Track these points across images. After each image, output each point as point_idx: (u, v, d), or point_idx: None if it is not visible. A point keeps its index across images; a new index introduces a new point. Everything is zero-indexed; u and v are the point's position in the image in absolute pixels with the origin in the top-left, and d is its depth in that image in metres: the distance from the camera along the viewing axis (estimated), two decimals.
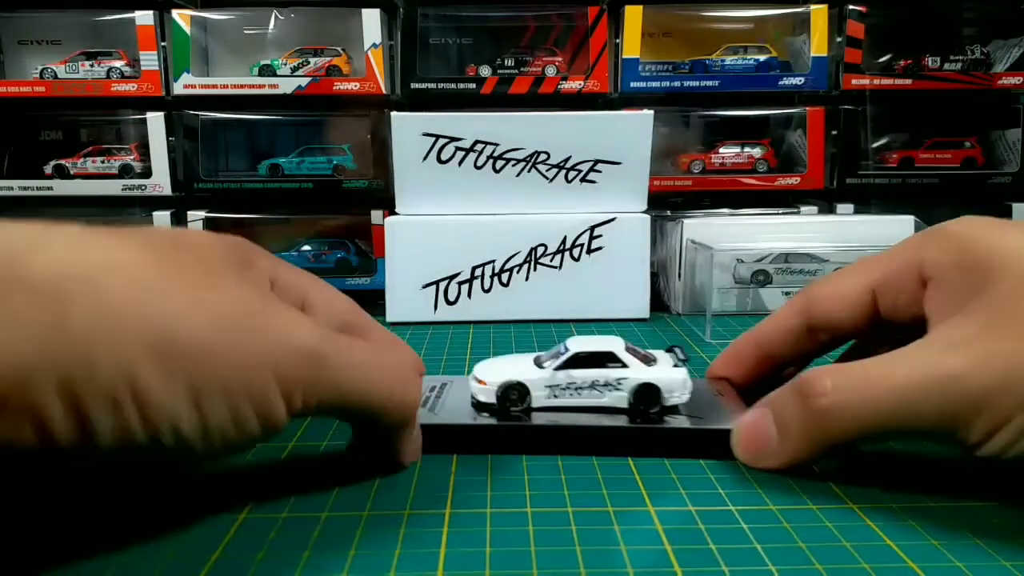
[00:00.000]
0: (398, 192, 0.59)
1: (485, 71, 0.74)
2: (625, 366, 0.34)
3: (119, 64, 0.73)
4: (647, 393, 0.34)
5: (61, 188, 0.73)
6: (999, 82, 0.73)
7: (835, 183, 0.74)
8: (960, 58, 0.74)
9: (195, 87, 0.71)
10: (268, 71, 0.72)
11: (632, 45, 0.72)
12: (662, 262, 0.66)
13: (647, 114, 0.59)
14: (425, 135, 0.58)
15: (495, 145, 0.58)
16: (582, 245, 0.59)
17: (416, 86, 0.73)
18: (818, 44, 0.72)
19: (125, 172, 0.74)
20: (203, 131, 0.74)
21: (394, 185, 0.59)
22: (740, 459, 0.32)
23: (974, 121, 0.77)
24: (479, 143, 0.58)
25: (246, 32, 0.76)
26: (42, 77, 0.73)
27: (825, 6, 0.72)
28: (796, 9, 0.74)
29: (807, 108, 0.74)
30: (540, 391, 0.34)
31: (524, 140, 0.58)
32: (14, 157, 0.76)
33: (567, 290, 0.59)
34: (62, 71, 0.73)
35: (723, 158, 0.76)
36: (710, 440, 0.32)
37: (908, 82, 0.73)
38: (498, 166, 0.59)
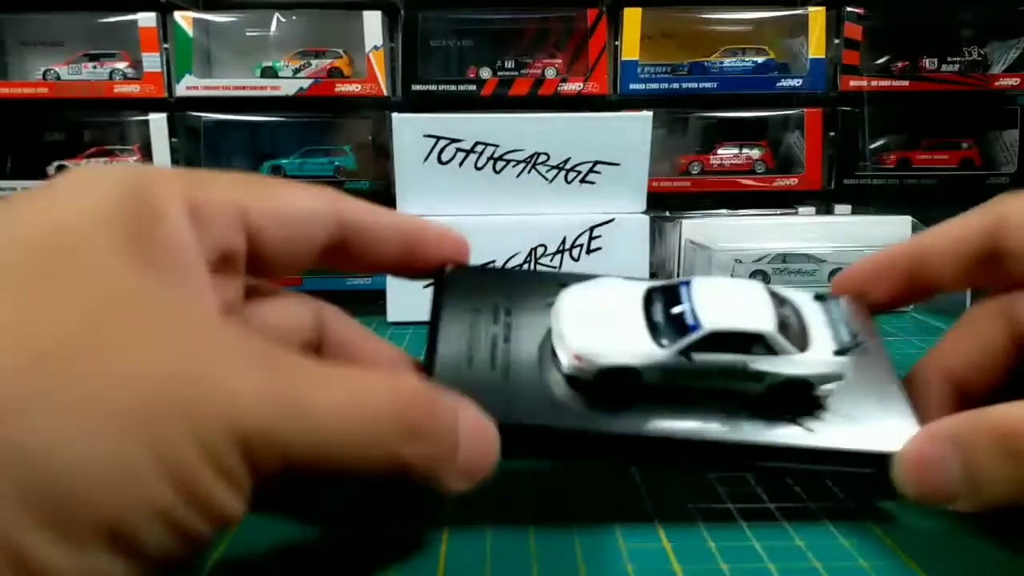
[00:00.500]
0: (399, 193, 0.60)
1: (485, 73, 0.74)
2: (774, 353, 0.25)
3: (122, 66, 0.73)
4: (794, 391, 0.26)
5: None
6: (996, 83, 0.74)
7: (833, 184, 0.75)
8: (957, 59, 0.75)
9: (197, 89, 0.72)
10: (270, 73, 0.73)
11: (631, 47, 0.72)
12: (661, 263, 0.66)
13: (646, 115, 0.59)
14: (426, 136, 0.58)
15: (495, 146, 0.59)
16: (581, 246, 0.59)
17: (417, 88, 0.73)
18: (816, 46, 0.72)
19: None
20: (205, 133, 0.74)
21: (395, 186, 0.60)
22: (906, 493, 0.25)
23: (971, 122, 0.78)
24: (479, 144, 0.59)
25: (248, 34, 0.76)
26: (45, 78, 0.73)
27: (823, 8, 0.72)
28: (794, 11, 0.74)
29: (805, 109, 0.74)
30: (653, 375, 0.26)
31: (524, 141, 0.59)
32: (17, 158, 0.77)
33: None
34: (65, 72, 0.73)
35: (721, 159, 0.76)
36: (862, 462, 0.25)
37: (905, 83, 0.73)
38: (498, 167, 0.59)
